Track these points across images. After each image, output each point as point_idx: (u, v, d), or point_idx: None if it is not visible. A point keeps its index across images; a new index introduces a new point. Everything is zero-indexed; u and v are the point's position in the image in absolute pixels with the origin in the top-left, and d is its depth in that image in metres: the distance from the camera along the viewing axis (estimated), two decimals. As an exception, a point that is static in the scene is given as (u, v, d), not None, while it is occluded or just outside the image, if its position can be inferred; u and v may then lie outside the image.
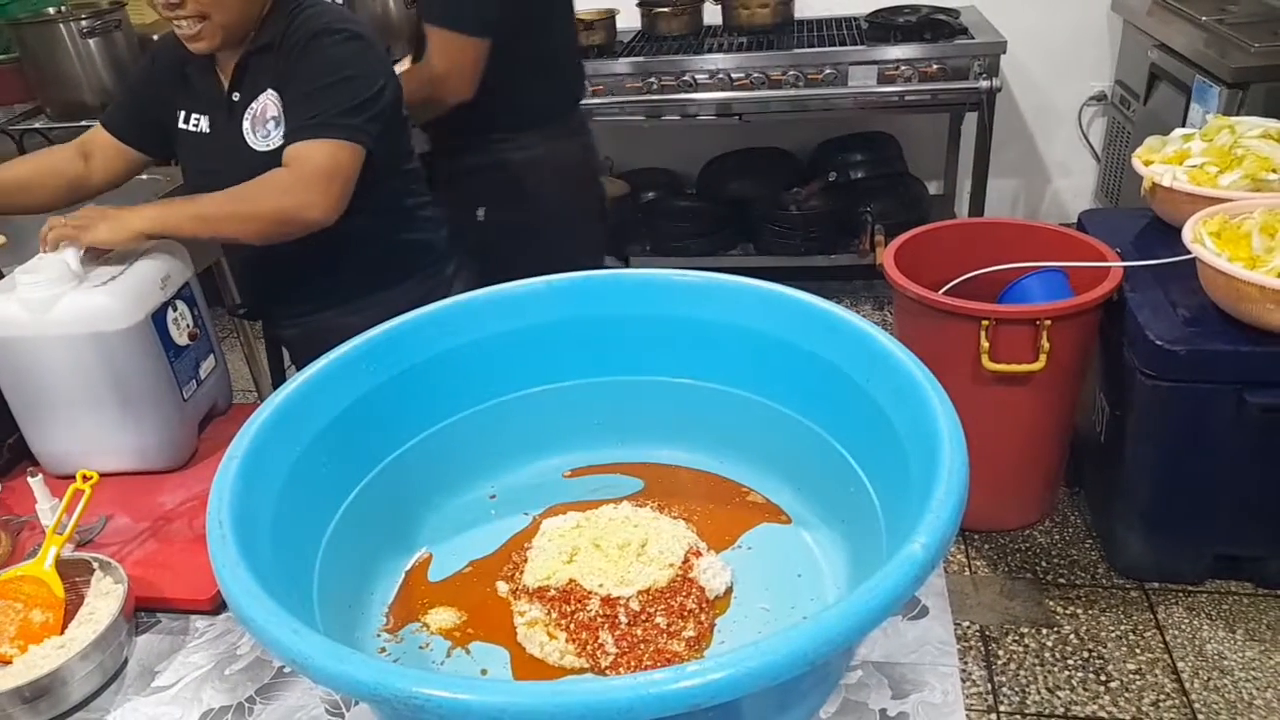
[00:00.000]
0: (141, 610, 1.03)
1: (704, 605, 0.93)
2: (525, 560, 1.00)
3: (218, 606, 1.03)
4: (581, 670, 0.87)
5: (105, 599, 1.00)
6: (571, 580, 0.95)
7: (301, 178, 1.29)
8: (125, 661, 0.98)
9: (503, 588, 0.97)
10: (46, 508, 1.10)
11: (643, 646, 0.88)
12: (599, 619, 0.91)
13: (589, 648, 0.88)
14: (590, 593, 0.94)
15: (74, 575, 1.02)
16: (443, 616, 0.95)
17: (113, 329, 1.15)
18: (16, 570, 1.01)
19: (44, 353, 1.16)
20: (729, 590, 0.95)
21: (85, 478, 1.05)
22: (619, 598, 0.93)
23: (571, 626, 0.90)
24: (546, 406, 1.11)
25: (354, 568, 0.94)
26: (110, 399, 1.19)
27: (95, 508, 1.11)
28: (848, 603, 0.62)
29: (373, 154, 1.35)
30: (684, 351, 1.08)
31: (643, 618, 0.91)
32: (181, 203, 1.29)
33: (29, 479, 1.10)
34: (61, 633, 0.97)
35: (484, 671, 0.89)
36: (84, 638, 0.94)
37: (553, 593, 0.94)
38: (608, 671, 0.87)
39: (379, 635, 0.93)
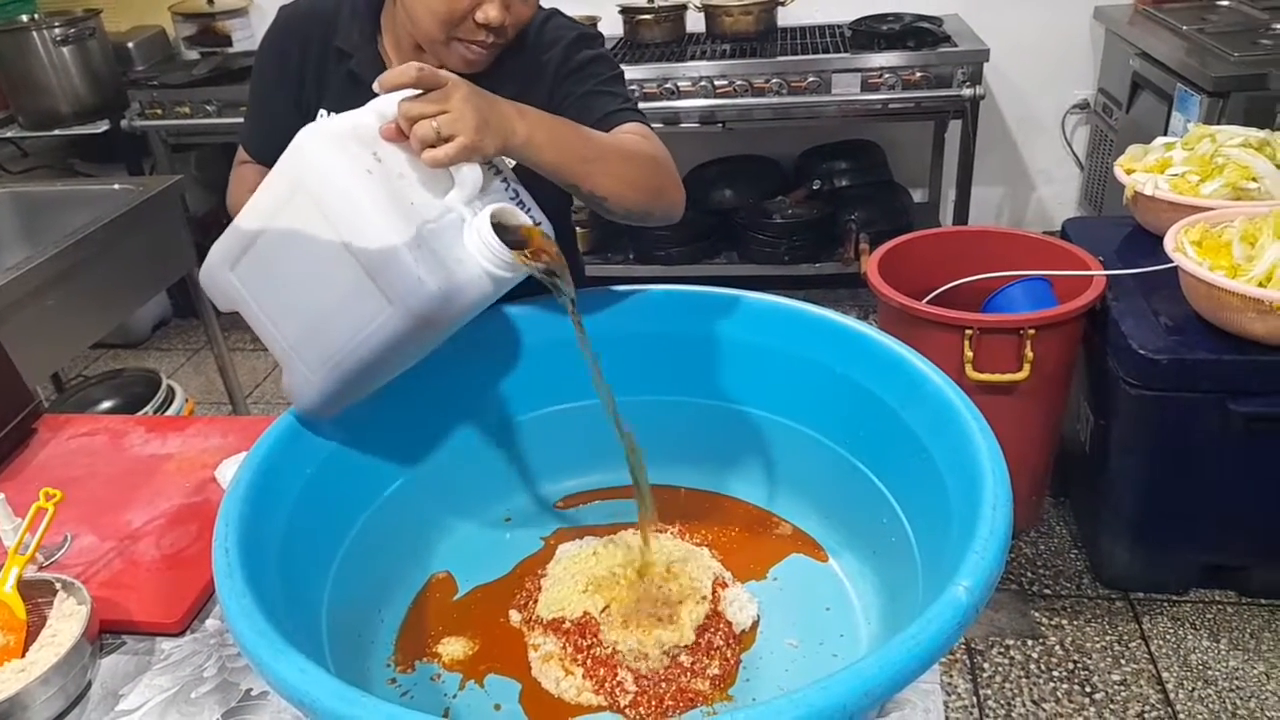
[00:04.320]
0: (106, 632, 1.00)
1: (730, 641, 0.89)
2: (539, 589, 0.96)
3: (184, 628, 1.00)
4: (599, 709, 0.84)
5: (68, 621, 0.97)
6: (587, 613, 0.91)
7: (670, 166, 1.06)
8: (89, 685, 0.95)
9: (515, 617, 0.94)
10: (9, 528, 1.07)
11: (664, 685, 0.84)
12: (617, 655, 0.87)
13: (607, 685, 0.85)
14: None
15: (36, 596, 0.99)
16: (454, 647, 0.92)
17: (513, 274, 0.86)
18: (-24, 592, 0.98)
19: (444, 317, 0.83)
20: (755, 624, 0.91)
21: (49, 496, 1.03)
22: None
23: (588, 662, 0.87)
24: (564, 426, 1.07)
25: (364, 594, 0.91)
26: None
27: (59, 526, 1.09)
28: (888, 652, 0.58)
29: None
30: (705, 371, 1.04)
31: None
32: (571, 128, 0.95)
33: (-10, 498, 1.08)
34: (23, 656, 0.94)
35: (497, 707, 0.85)
36: (45, 661, 0.92)
37: (568, 625, 0.91)
38: (626, 711, 0.83)
39: (389, 665, 0.90)
